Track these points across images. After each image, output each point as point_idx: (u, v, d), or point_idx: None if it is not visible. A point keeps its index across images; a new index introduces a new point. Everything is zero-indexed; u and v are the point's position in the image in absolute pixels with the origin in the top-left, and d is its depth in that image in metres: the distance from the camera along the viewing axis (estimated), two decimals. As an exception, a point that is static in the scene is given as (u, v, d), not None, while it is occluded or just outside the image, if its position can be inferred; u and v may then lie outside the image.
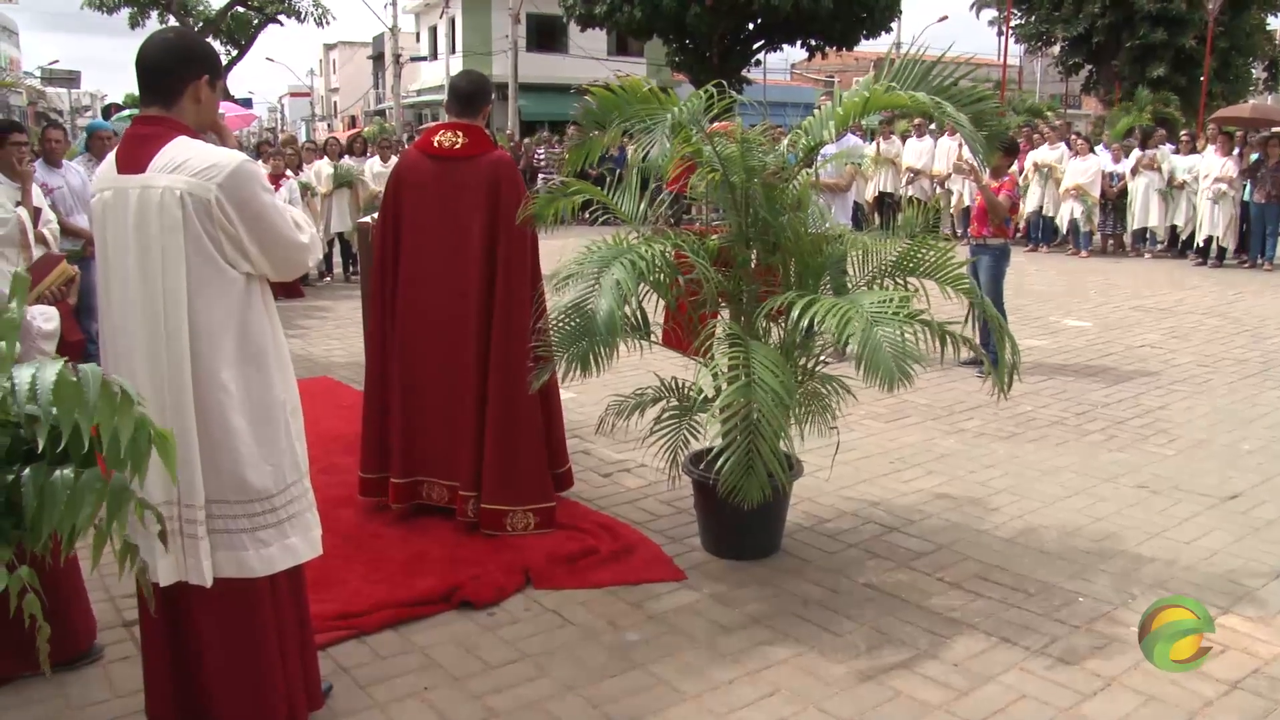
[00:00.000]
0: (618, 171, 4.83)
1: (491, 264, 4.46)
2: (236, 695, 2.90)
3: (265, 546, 2.81)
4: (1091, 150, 15.48)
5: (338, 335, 9.61)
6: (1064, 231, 15.62)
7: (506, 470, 4.49)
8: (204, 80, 2.78)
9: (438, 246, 4.53)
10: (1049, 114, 27.22)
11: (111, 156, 2.78)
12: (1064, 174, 15.27)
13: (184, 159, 2.65)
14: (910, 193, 16.14)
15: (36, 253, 6.26)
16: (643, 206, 4.60)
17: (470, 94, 4.58)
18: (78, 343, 3.68)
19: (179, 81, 2.75)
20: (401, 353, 4.64)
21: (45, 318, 3.14)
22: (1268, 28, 35.58)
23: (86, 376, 1.68)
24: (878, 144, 16.25)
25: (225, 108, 17.03)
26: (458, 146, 4.51)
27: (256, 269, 2.79)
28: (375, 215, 5.63)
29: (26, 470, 1.75)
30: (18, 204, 6.26)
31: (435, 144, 4.56)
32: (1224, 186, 13.77)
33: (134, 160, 2.69)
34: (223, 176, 2.65)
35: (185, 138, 2.71)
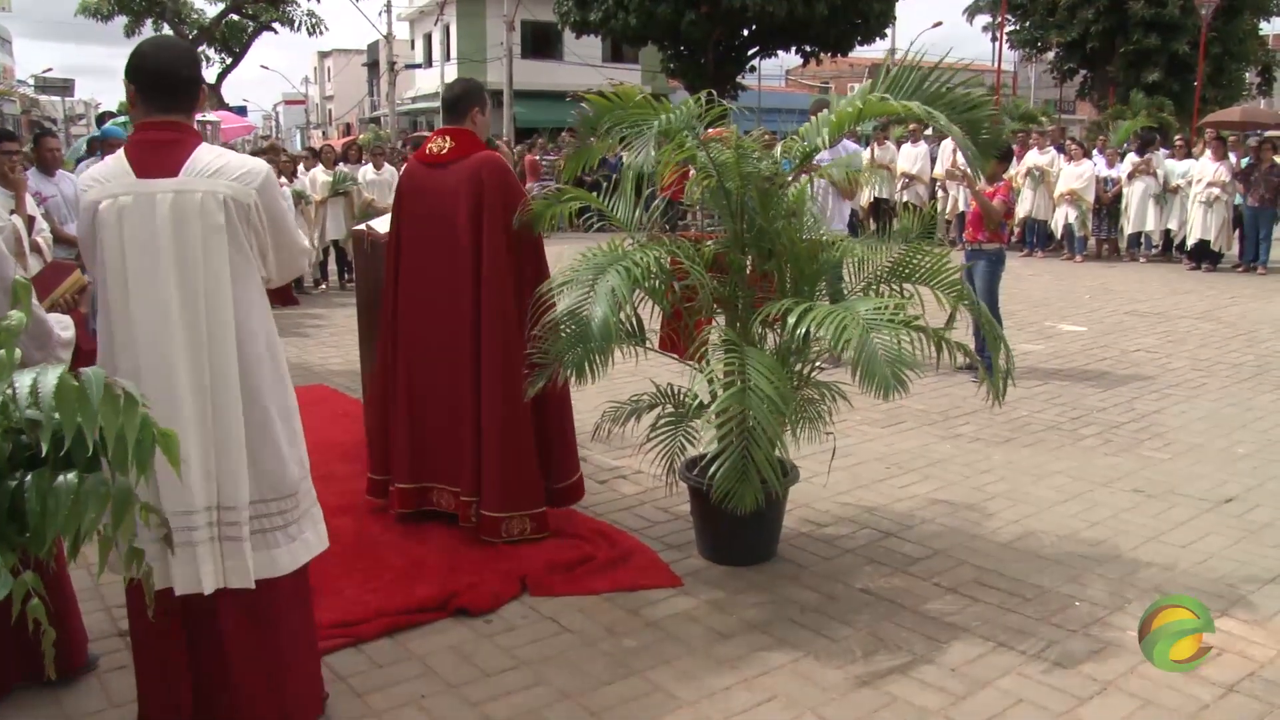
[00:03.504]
0: (613, 178, 4.84)
1: (479, 266, 4.47)
2: (264, 698, 2.92)
3: (292, 542, 2.91)
4: (1086, 155, 15.51)
5: (334, 343, 9.60)
6: (1058, 236, 15.65)
7: (502, 475, 4.47)
8: (204, 90, 2.92)
9: (432, 252, 4.54)
10: (1043, 119, 27.28)
11: (120, 162, 2.76)
12: (1056, 179, 15.31)
13: (220, 164, 2.74)
14: (905, 198, 16.16)
15: (33, 261, 6.27)
16: (638, 213, 4.61)
17: (455, 99, 4.60)
18: (91, 352, 3.67)
19: (198, 91, 2.85)
20: (406, 358, 4.67)
21: (62, 326, 3.14)
22: (1260, 33, 35.72)
23: (89, 380, 1.68)
24: (872, 150, 16.27)
25: (224, 117, 16.88)
26: (445, 151, 4.53)
27: (266, 272, 2.91)
28: (369, 223, 5.66)
29: (29, 476, 1.75)
30: (12, 212, 6.26)
31: (428, 152, 4.60)
32: (1216, 191, 13.82)
33: (161, 165, 2.71)
34: (259, 181, 2.77)
35: (206, 144, 2.81)
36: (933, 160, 16.32)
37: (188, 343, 2.71)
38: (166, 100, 2.78)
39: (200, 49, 35.19)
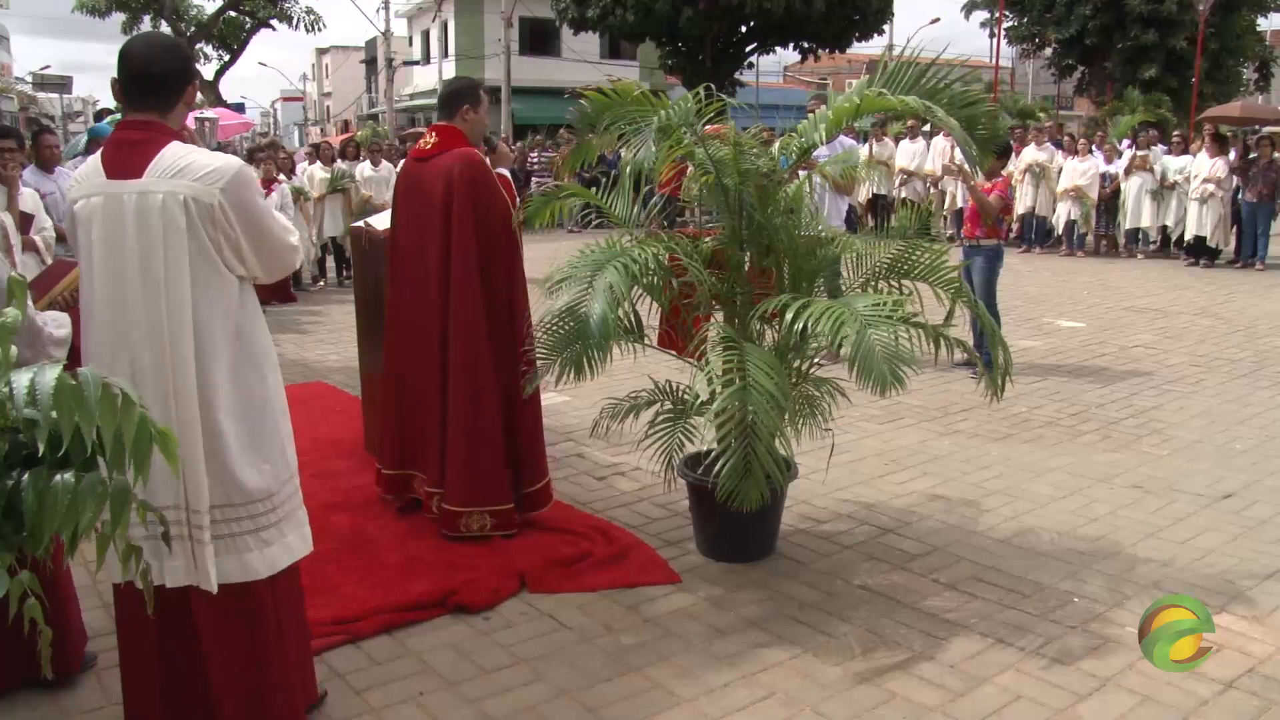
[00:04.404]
0: (611, 174, 4.85)
1: (448, 263, 4.51)
2: (244, 698, 2.91)
3: (268, 547, 2.86)
4: (1090, 151, 15.45)
5: (332, 340, 9.59)
6: (1060, 233, 15.61)
7: (464, 469, 4.50)
8: (195, 85, 2.85)
9: (415, 247, 4.63)
10: (1041, 115, 27.28)
11: (96, 162, 2.76)
12: (1057, 175, 15.30)
13: (184, 164, 2.67)
14: (903, 194, 16.14)
15: (29, 259, 6.25)
16: (636, 209, 4.61)
17: (448, 97, 4.67)
18: None
19: (179, 87, 2.78)
20: (394, 351, 4.78)
21: (57, 324, 3.12)
22: (1258, 29, 35.72)
23: (86, 380, 1.68)
24: (870, 146, 16.25)
25: (222, 114, 16.82)
26: (428, 148, 4.61)
27: (249, 271, 2.84)
28: (367, 220, 5.69)
29: (26, 475, 1.75)
30: (4, 209, 6.24)
31: (419, 147, 4.70)
32: (1211, 187, 13.82)
33: (127, 165, 2.69)
34: (225, 181, 2.69)
35: (178, 143, 2.73)
36: (930, 157, 16.32)
37: (150, 345, 2.68)
38: (139, 98, 2.76)
39: (198, 46, 35.12)
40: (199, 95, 3.20)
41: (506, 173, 4.85)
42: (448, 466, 4.51)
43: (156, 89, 2.75)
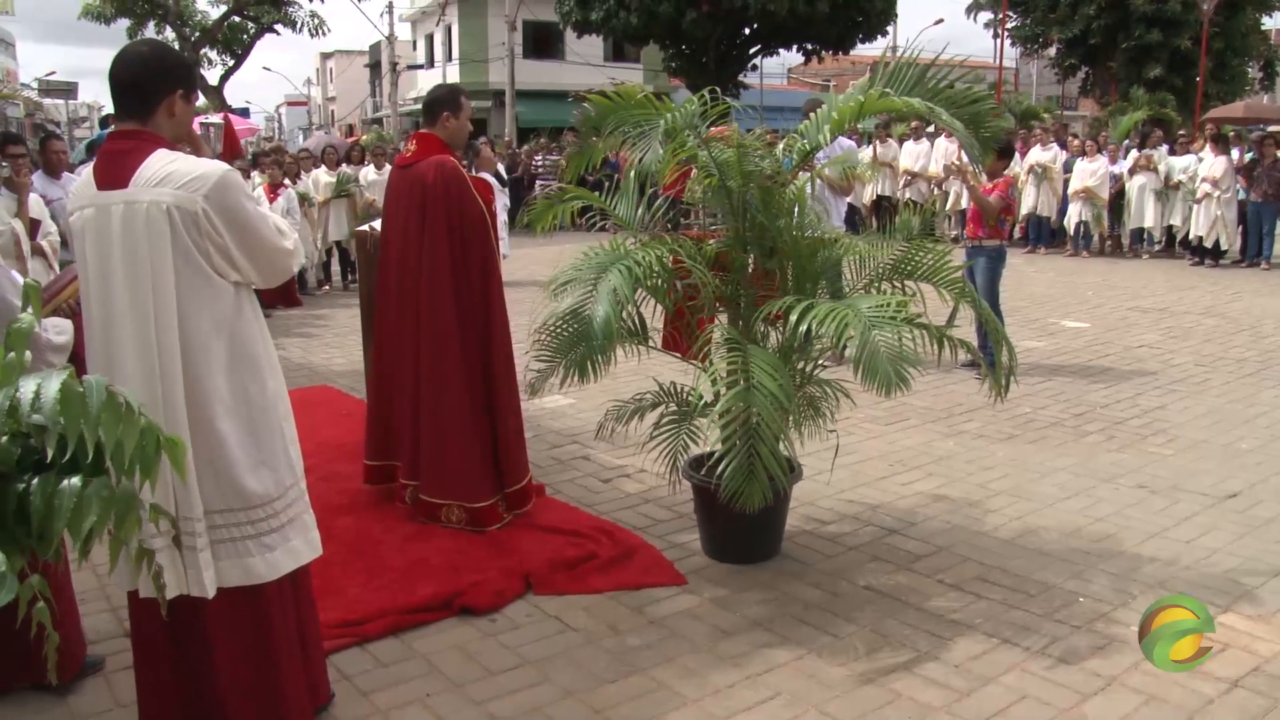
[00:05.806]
0: (615, 177, 4.88)
1: (421, 266, 4.64)
2: (254, 703, 2.92)
3: (270, 551, 2.85)
4: (1100, 151, 15.41)
5: (337, 344, 9.60)
6: (1070, 233, 15.56)
7: (437, 465, 4.68)
8: (178, 95, 2.80)
9: (396, 249, 4.77)
10: (1045, 116, 27.25)
11: (89, 173, 2.78)
12: (1058, 175, 15.28)
13: (168, 172, 2.66)
14: (907, 196, 16.14)
15: (36, 264, 6.27)
16: (640, 212, 4.63)
17: (429, 104, 4.78)
18: None
19: (153, 96, 2.77)
20: (377, 350, 5.01)
21: (57, 330, 3.12)
22: (1262, 28, 35.69)
23: (91, 387, 1.69)
24: (874, 147, 16.25)
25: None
26: (409, 155, 4.75)
27: (244, 277, 2.82)
28: (371, 224, 5.75)
29: (35, 479, 1.76)
30: (15, 215, 6.27)
31: (401, 155, 4.87)
32: (1208, 186, 13.80)
33: (115, 175, 2.70)
34: (208, 187, 2.67)
35: (164, 150, 2.72)
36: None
37: (138, 353, 2.68)
38: (120, 108, 2.77)
39: (202, 51, 35.19)
40: (203, 100, 3.22)
41: (489, 177, 4.94)
42: (421, 462, 4.72)
43: (131, 98, 2.76)
